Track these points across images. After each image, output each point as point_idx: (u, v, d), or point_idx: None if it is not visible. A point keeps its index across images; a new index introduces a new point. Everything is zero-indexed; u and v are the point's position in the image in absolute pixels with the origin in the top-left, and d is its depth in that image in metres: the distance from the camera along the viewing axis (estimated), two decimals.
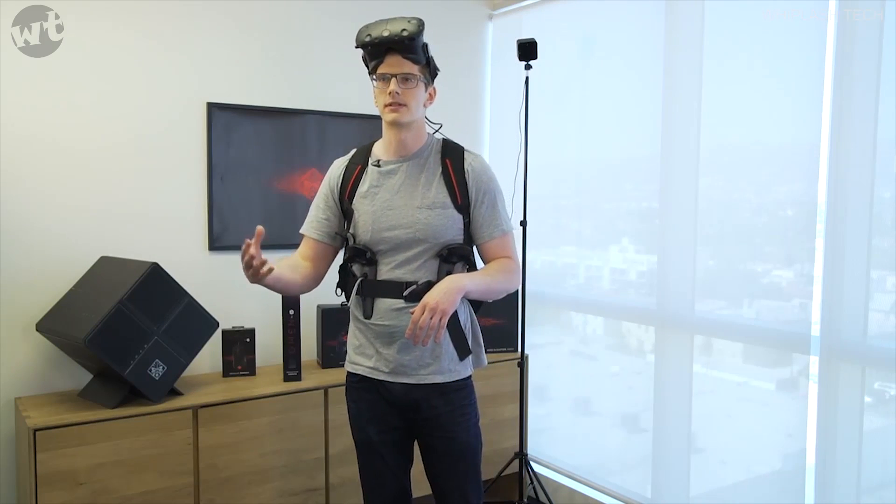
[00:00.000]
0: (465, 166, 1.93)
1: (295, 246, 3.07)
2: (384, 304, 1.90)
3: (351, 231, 1.97)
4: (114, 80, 2.67)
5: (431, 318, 1.70)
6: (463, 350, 1.93)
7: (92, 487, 2.29)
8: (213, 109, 2.87)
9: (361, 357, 1.98)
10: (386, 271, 1.91)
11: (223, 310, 2.84)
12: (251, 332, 2.85)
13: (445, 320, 1.71)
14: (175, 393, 2.53)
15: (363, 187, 1.96)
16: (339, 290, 2.03)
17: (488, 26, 3.63)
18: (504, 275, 1.92)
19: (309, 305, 3.01)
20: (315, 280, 2.06)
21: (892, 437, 2.16)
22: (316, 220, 2.04)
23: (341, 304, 2.10)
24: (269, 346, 3.00)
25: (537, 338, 3.46)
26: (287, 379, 2.76)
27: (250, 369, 2.84)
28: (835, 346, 2.26)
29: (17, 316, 2.54)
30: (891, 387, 2.19)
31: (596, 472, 3.18)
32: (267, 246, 3.01)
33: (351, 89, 3.21)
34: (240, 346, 2.83)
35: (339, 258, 2.07)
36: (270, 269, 1.73)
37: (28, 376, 2.57)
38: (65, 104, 2.59)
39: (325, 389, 2.75)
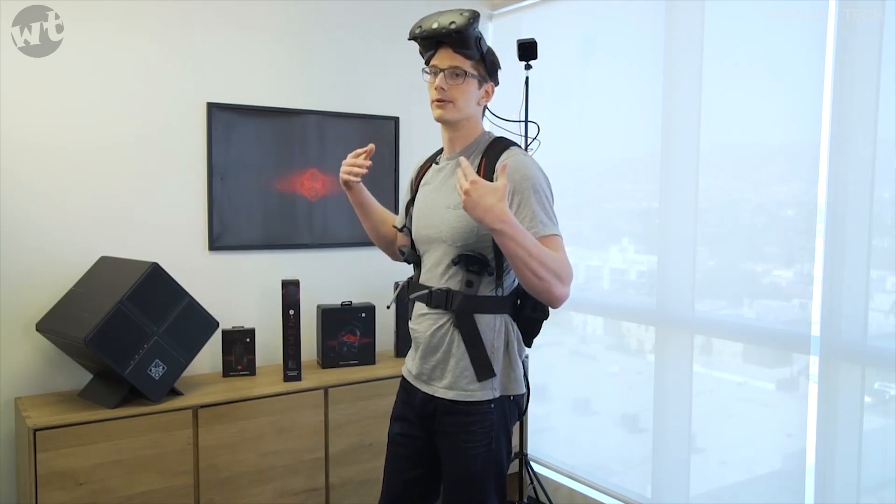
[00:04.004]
0: (497, 164, 1.76)
1: (295, 246, 3.10)
2: (416, 308, 1.88)
3: (408, 226, 1.97)
4: (114, 80, 2.67)
5: (462, 186, 1.57)
6: (483, 371, 1.76)
7: (92, 487, 2.29)
8: (213, 109, 2.87)
9: (409, 359, 1.96)
10: (422, 274, 1.87)
11: (223, 310, 2.84)
12: (251, 332, 2.85)
13: (465, 191, 1.56)
14: (175, 393, 2.53)
15: (422, 185, 1.95)
16: None
17: (488, 26, 3.63)
18: (551, 261, 1.61)
19: (309, 305, 3.01)
20: (394, 248, 2.08)
21: (892, 437, 2.16)
22: (401, 210, 2.06)
23: (386, 307, 2.11)
24: (269, 346, 3.00)
25: (537, 338, 3.45)
26: (287, 379, 2.76)
27: (250, 369, 2.84)
28: (835, 346, 2.26)
29: (17, 316, 2.54)
30: (891, 387, 2.19)
31: (596, 472, 3.18)
32: (267, 246, 3.03)
33: (351, 89, 3.21)
34: (240, 346, 2.82)
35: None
36: (367, 166, 1.91)
37: (28, 376, 2.57)
38: (65, 104, 2.59)
39: (325, 389, 2.75)
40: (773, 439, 2.52)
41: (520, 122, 1.98)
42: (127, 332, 2.34)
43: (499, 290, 1.80)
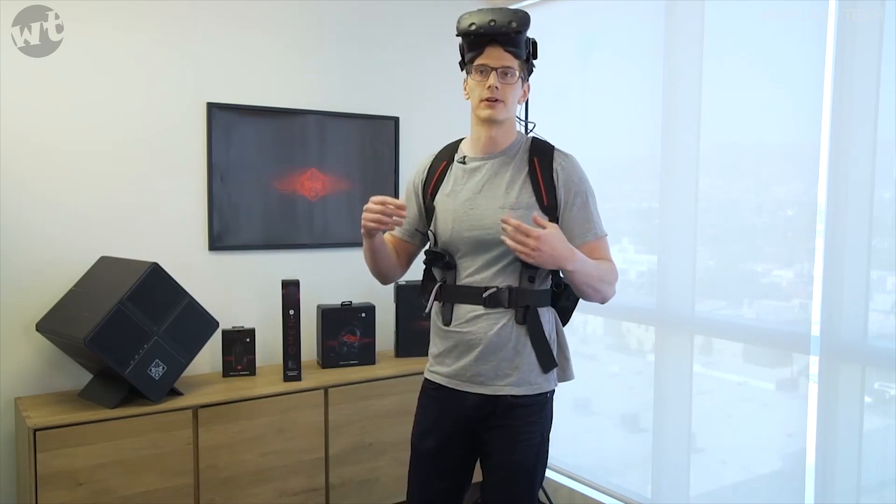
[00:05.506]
0: (555, 165, 1.82)
1: (295, 246, 3.10)
2: (463, 311, 1.82)
3: (432, 230, 1.90)
4: (114, 80, 2.67)
5: (526, 244, 1.62)
6: (547, 362, 1.83)
7: (92, 487, 2.30)
8: (213, 109, 2.87)
9: (440, 365, 1.89)
10: (465, 276, 1.83)
11: (223, 310, 2.84)
12: (251, 332, 2.85)
13: (530, 256, 1.64)
14: (175, 393, 2.53)
15: (447, 185, 1.88)
16: (422, 298, 1.92)
17: None
18: (607, 274, 1.81)
19: (309, 305, 3.01)
20: (401, 269, 2.03)
21: (892, 437, 2.16)
22: (412, 215, 1.99)
23: (424, 314, 2.02)
24: (269, 346, 3.00)
25: None
26: (287, 379, 2.76)
27: (250, 369, 2.84)
28: (835, 346, 2.26)
29: (17, 316, 2.54)
30: (891, 387, 2.19)
31: (596, 472, 3.18)
32: (267, 246, 3.03)
33: (351, 89, 3.21)
34: (240, 346, 2.82)
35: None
36: (401, 219, 1.74)
37: (28, 376, 2.57)
38: (65, 104, 2.59)
39: (325, 389, 2.75)
40: (773, 439, 2.52)
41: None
42: (127, 332, 2.34)
43: (552, 283, 1.87)
